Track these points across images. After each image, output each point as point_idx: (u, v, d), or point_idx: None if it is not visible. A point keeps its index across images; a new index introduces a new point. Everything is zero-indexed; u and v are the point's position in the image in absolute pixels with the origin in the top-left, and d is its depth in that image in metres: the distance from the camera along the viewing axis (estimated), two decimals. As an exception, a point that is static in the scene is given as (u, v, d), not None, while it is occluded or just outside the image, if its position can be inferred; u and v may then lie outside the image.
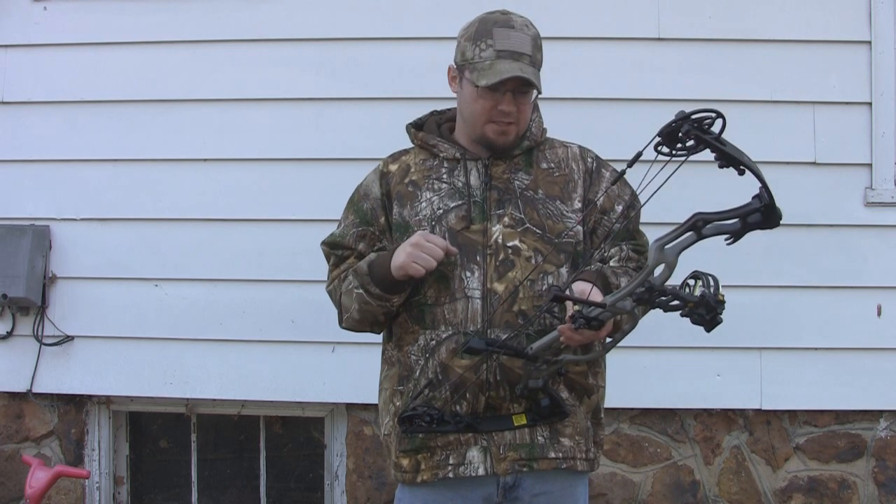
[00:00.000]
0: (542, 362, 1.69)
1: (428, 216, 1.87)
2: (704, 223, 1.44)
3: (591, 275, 1.75)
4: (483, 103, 1.84)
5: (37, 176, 3.43)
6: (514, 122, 1.85)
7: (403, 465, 1.89)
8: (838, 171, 3.23)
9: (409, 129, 2.02)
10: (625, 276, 1.82)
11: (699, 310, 1.46)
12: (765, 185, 1.42)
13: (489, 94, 1.82)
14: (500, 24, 1.83)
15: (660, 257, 1.46)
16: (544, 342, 1.67)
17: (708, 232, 1.44)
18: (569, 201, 1.90)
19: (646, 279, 1.48)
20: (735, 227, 1.45)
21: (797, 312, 3.23)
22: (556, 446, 1.85)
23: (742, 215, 1.43)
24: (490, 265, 1.82)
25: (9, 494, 3.46)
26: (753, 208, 1.42)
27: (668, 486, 3.31)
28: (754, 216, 1.43)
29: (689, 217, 1.45)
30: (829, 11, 3.25)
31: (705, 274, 1.48)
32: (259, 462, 3.55)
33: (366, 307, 1.87)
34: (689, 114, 1.39)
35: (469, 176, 1.89)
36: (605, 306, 1.53)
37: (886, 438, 3.29)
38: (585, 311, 1.54)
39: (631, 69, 3.27)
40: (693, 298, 1.46)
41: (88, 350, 3.39)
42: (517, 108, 1.84)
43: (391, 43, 3.33)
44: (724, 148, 1.40)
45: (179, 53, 3.39)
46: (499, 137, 1.87)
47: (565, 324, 1.62)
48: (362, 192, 1.98)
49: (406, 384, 1.88)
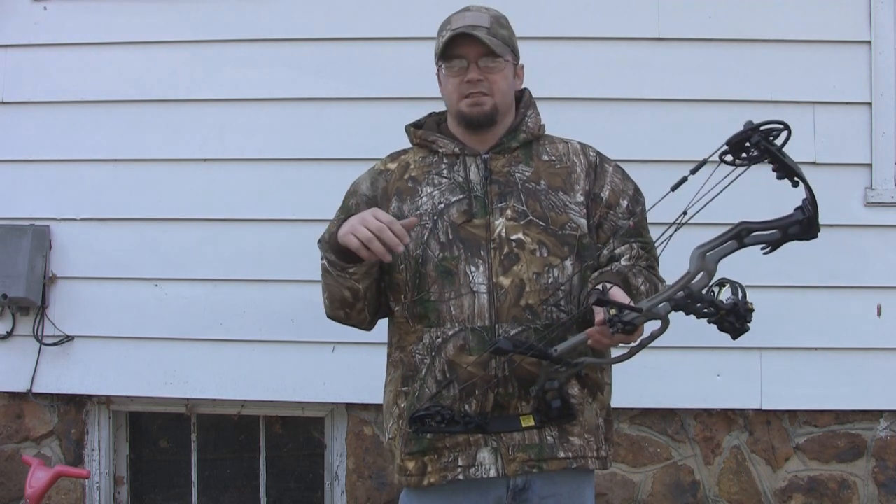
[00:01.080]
0: (563, 364, 1.69)
1: (429, 210, 1.86)
2: (748, 232, 1.45)
3: (613, 276, 1.74)
4: (452, 81, 1.88)
5: (37, 176, 3.43)
6: (487, 94, 1.87)
7: (409, 468, 1.85)
8: (838, 171, 3.23)
9: (408, 128, 2.02)
10: (640, 275, 1.81)
11: (729, 317, 1.49)
12: (812, 198, 1.43)
13: (454, 70, 1.86)
14: (459, 11, 1.92)
15: (701, 264, 1.47)
16: (570, 344, 1.66)
17: (749, 241, 1.46)
18: (571, 192, 1.89)
19: (685, 285, 1.49)
20: (775, 237, 1.46)
21: (797, 312, 3.23)
22: (565, 446, 1.83)
23: (784, 226, 1.45)
24: (495, 259, 1.81)
25: (9, 494, 3.46)
26: (796, 220, 1.45)
27: (668, 486, 3.31)
28: (794, 227, 1.45)
29: (733, 225, 1.46)
30: (829, 11, 3.25)
31: (733, 281, 1.50)
32: (259, 462, 3.55)
33: (328, 280, 1.85)
34: (758, 125, 1.40)
35: (469, 171, 1.89)
36: (642, 311, 1.53)
37: (886, 438, 3.29)
38: (622, 316, 1.54)
39: (631, 69, 3.27)
40: (726, 306, 1.48)
41: (88, 350, 3.39)
42: (486, 79, 1.86)
43: (391, 43, 3.33)
44: (784, 159, 1.41)
45: (179, 53, 3.40)
46: (472, 109, 1.87)
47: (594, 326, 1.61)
48: (351, 190, 2.00)
49: (411, 384, 1.86)
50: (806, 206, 1.44)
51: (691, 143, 3.23)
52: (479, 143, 1.92)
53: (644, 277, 1.82)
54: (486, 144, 1.92)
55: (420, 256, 1.84)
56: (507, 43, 1.88)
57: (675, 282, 1.53)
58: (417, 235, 1.84)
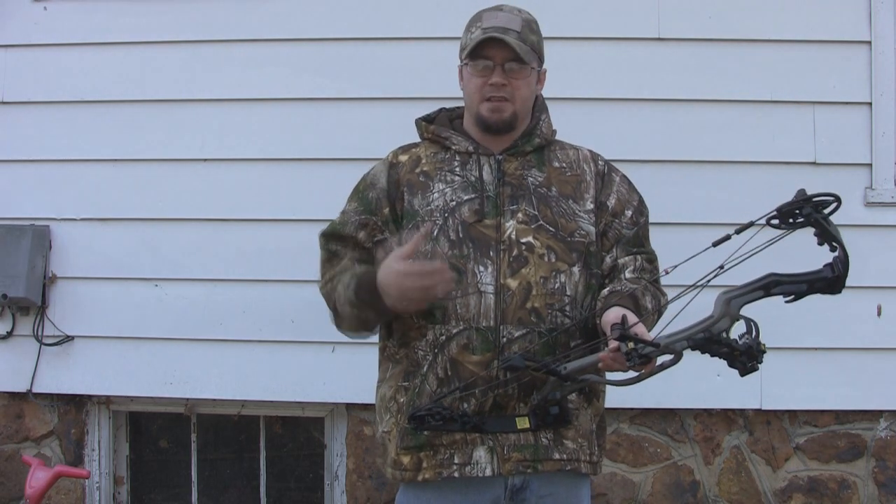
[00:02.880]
0: (569, 380, 1.70)
1: (440, 207, 1.85)
2: (776, 284, 1.49)
3: (627, 300, 1.75)
4: (475, 81, 1.86)
5: (37, 176, 3.43)
6: (508, 99, 1.86)
7: (404, 462, 1.85)
8: (838, 170, 3.23)
9: (419, 122, 2.01)
10: (648, 293, 1.83)
11: (742, 357, 1.52)
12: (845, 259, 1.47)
13: (479, 70, 1.85)
14: (490, 9, 1.90)
15: (725, 310, 1.51)
16: (580, 364, 1.67)
17: (776, 292, 1.50)
18: (581, 201, 1.90)
19: (707, 328, 1.52)
20: (800, 289, 1.51)
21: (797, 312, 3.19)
22: (559, 448, 1.84)
23: (811, 281, 1.50)
24: (503, 261, 1.81)
25: (9, 494, 3.46)
26: (824, 277, 1.49)
27: (668, 486, 3.31)
28: (821, 283, 1.49)
29: (763, 276, 1.50)
30: (829, 11, 3.25)
31: (748, 319, 1.54)
32: (259, 462, 3.55)
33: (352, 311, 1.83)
34: (810, 196, 1.45)
35: (482, 170, 1.89)
36: (659, 346, 1.56)
37: (886, 438, 3.29)
38: (640, 349, 1.56)
39: (631, 69, 3.27)
40: (741, 348, 1.52)
41: (88, 350, 3.39)
42: (510, 84, 1.85)
43: (391, 43, 3.33)
44: (829, 228, 1.46)
45: (179, 53, 3.40)
46: (492, 115, 1.87)
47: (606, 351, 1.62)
48: (369, 181, 1.97)
49: (412, 380, 1.85)
50: (836, 264, 1.49)
51: (691, 143, 3.24)
52: (493, 144, 1.91)
53: (651, 295, 1.84)
54: (501, 145, 1.91)
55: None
56: (534, 49, 1.87)
57: (697, 322, 1.55)
58: (426, 231, 1.83)
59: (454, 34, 1.95)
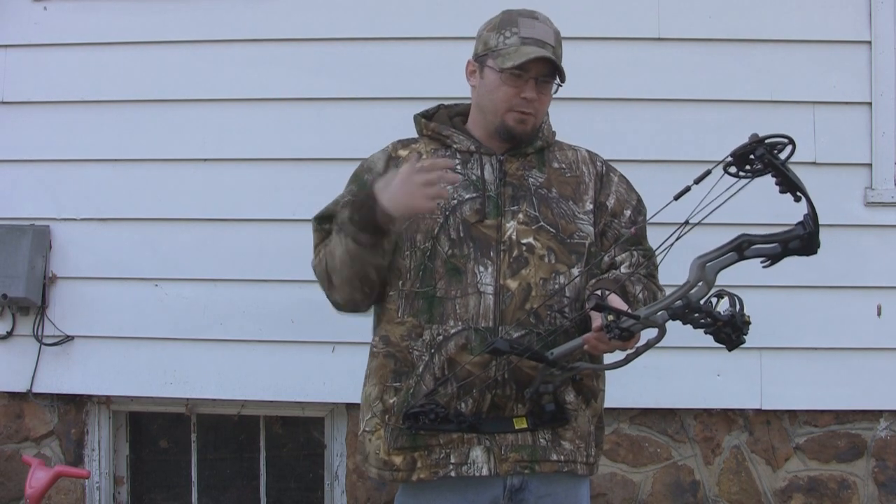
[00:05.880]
0: (558, 368, 1.69)
1: (441, 204, 1.83)
2: (749, 244, 1.46)
3: (610, 283, 1.75)
4: (506, 90, 1.84)
5: (37, 176, 3.43)
6: (532, 113, 1.86)
7: (396, 462, 1.84)
8: (838, 170, 3.23)
9: (418, 118, 2.00)
10: (639, 283, 1.82)
11: (726, 329, 1.49)
12: (814, 214, 1.44)
13: (513, 80, 1.82)
14: (525, 15, 1.87)
15: (700, 275, 1.48)
16: (566, 349, 1.67)
17: (749, 253, 1.46)
18: (580, 203, 1.90)
19: (684, 294, 1.49)
20: (775, 251, 1.47)
21: (797, 312, 3.23)
22: (557, 449, 1.84)
23: (784, 240, 1.45)
24: (504, 261, 1.81)
25: (9, 494, 3.46)
26: (796, 234, 1.45)
27: (668, 486, 3.31)
28: (795, 242, 1.45)
29: (734, 238, 1.46)
30: (829, 11, 3.25)
31: (731, 293, 1.51)
32: (259, 462, 3.55)
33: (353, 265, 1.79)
34: (762, 138, 1.41)
35: (483, 170, 1.88)
36: (639, 318, 1.54)
37: (886, 438, 3.29)
38: (620, 322, 1.54)
39: (631, 69, 3.27)
40: (723, 318, 1.49)
41: (88, 350, 3.39)
42: (538, 98, 1.84)
43: (391, 43, 3.33)
44: (788, 174, 1.42)
45: (179, 53, 3.39)
46: (518, 126, 1.86)
47: (590, 332, 1.62)
48: (367, 166, 1.98)
49: (405, 380, 1.84)
50: (807, 221, 1.44)
51: (691, 143, 3.24)
52: (494, 144, 1.91)
53: (643, 285, 1.83)
54: (503, 146, 1.91)
55: (428, 249, 1.83)
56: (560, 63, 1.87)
57: (674, 291, 1.53)
58: (427, 228, 1.84)
59: (454, 34, 1.96)
